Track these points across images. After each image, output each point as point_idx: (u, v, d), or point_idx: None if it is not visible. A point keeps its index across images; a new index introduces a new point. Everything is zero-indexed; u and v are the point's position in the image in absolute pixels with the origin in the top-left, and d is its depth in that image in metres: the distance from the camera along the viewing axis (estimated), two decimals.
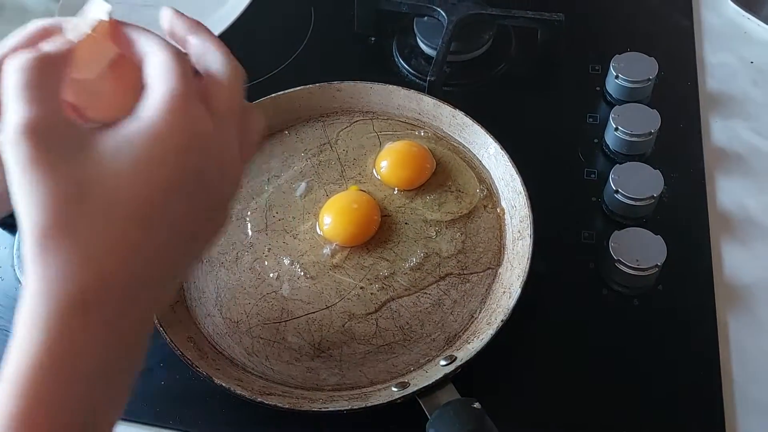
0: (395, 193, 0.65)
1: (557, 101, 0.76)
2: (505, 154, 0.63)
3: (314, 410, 0.51)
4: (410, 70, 0.78)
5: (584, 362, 0.58)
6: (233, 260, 0.61)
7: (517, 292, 0.55)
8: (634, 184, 0.63)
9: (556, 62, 0.78)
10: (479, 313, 0.57)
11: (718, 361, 0.57)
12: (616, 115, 0.68)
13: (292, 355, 0.56)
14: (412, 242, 0.61)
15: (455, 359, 0.53)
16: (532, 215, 0.59)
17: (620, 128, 0.67)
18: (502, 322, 0.53)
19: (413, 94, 0.68)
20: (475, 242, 0.61)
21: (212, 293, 0.60)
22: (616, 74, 0.71)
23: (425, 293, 0.59)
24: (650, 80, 0.71)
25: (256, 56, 0.82)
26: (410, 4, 0.79)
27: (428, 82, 0.71)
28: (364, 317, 0.58)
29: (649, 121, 0.67)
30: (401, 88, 0.69)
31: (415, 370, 0.55)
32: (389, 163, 0.65)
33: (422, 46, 0.79)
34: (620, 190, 0.63)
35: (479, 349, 0.52)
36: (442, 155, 0.67)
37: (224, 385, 0.52)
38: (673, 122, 0.70)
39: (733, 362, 0.58)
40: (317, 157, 0.68)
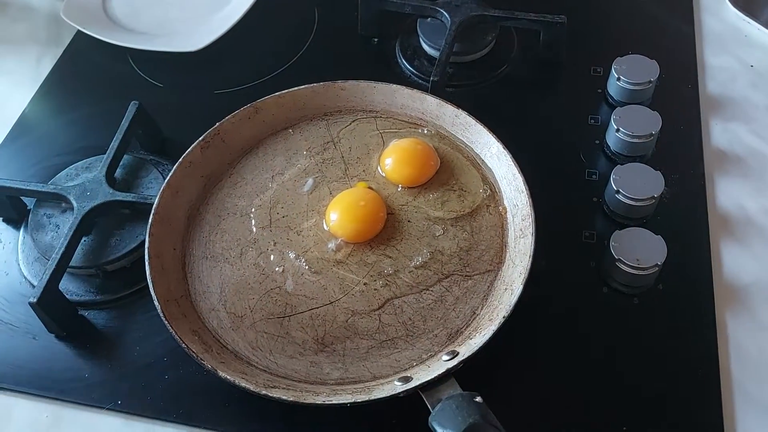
0: (399, 190, 0.65)
1: (559, 102, 0.76)
2: (507, 153, 0.63)
3: (318, 403, 0.52)
4: (413, 70, 0.79)
5: (584, 359, 0.59)
6: (237, 256, 0.62)
7: (518, 289, 0.55)
8: (634, 184, 0.64)
9: (558, 64, 0.79)
10: (481, 309, 0.58)
11: (717, 360, 0.58)
12: (617, 116, 0.68)
13: (295, 349, 0.57)
14: (415, 240, 0.62)
15: (457, 354, 0.53)
16: (533, 214, 0.59)
17: (621, 129, 0.67)
18: (503, 318, 0.54)
19: (416, 93, 0.69)
20: (477, 240, 0.62)
21: (216, 288, 0.60)
22: (617, 76, 0.72)
23: (428, 290, 0.59)
24: (651, 82, 0.72)
25: (260, 55, 0.83)
26: (413, 5, 0.79)
27: (431, 82, 0.71)
28: (367, 313, 0.58)
29: (650, 122, 0.68)
30: (405, 87, 0.69)
31: (417, 365, 0.55)
32: (394, 159, 0.66)
33: (425, 47, 0.80)
34: (621, 190, 0.64)
35: (481, 344, 0.53)
36: (445, 154, 0.67)
37: (229, 377, 0.52)
38: (673, 124, 0.71)
39: (731, 361, 0.58)
40: (321, 155, 0.68)
